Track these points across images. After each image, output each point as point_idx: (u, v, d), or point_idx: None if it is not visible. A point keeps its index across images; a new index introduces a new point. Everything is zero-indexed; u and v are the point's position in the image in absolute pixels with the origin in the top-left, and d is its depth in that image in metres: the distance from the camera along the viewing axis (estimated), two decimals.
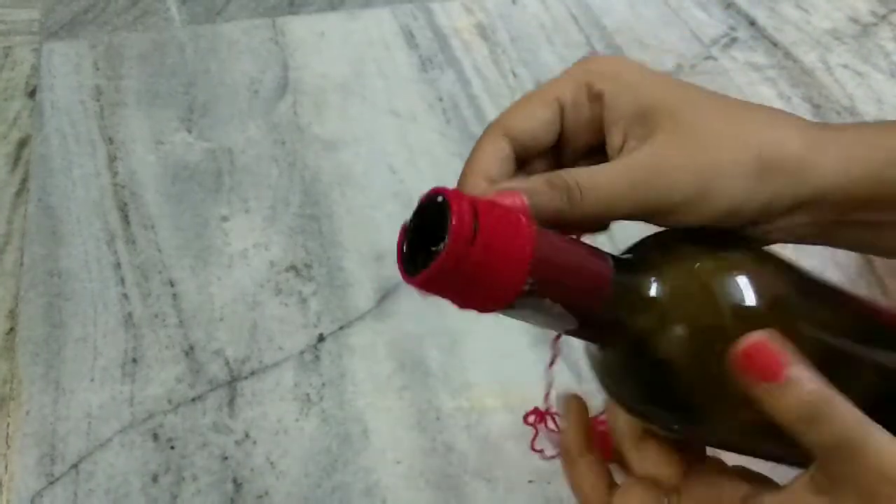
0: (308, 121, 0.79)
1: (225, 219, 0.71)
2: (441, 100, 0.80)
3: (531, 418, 0.53)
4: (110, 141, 0.77)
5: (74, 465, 0.57)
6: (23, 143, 0.78)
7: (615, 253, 0.33)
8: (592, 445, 0.36)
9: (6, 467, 0.57)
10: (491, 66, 0.84)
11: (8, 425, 0.59)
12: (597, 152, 0.36)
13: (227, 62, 0.85)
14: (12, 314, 0.65)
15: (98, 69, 0.84)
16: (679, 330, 0.31)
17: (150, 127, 0.78)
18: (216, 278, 0.67)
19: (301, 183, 0.73)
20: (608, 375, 0.34)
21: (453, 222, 0.28)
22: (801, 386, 0.29)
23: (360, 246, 0.69)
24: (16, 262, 0.68)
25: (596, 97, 0.35)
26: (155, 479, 0.56)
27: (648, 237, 0.35)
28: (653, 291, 0.32)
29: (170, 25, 0.89)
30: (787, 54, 0.85)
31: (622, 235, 0.36)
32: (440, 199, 0.30)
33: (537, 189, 0.33)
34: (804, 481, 0.30)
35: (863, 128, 0.35)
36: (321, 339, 0.63)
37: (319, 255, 0.68)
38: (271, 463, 0.57)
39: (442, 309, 0.65)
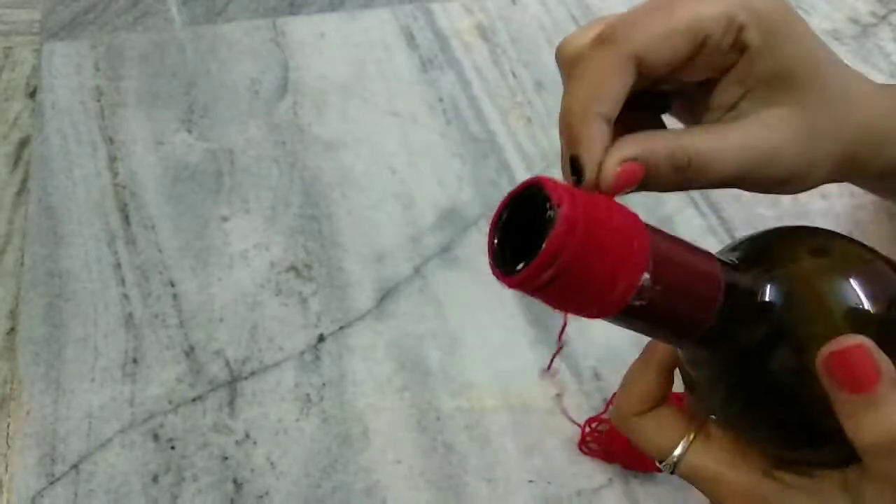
0: (308, 121, 0.79)
1: (225, 219, 0.71)
2: (441, 100, 0.80)
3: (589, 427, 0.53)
4: (111, 141, 0.77)
5: (75, 466, 0.57)
6: (23, 144, 0.78)
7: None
8: (667, 371, 0.34)
9: (6, 467, 0.57)
10: (491, 66, 0.84)
11: (8, 425, 0.59)
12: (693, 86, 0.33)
13: (227, 63, 0.85)
14: (13, 314, 0.65)
15: (99, 70, 0.84)
16: (798, 341, 0.29)
17: (150, 127, 0.78)
18: (216, 279, 0.67)
19: (301, 183, 0.73)
20: (699, 375, 0.32)
21: (559, 213, 0.25)
22: (891, 410, 0.26)
23: (360, 246, 0.69)
24: (16, 262, 0.68)
25: (740, 47, 0.31)
26: (155, 479, 0.56)
27: (753, 237, 0.32)
28: (768, 300, 0.29)
29: (170, 26, 0.89)
30: None
31: None
32: (537, 189, 0.26)
33: (657, 163, 0.30)
34: (839, 479, 0.29)
35: None
36: (321, 339, 0.63)
37: (320, 256, 0.68)
38: (271, 463, 0.57)
39: (442, 309, 0.65)
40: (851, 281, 0.29)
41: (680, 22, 0.30)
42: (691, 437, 0.32)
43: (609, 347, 0.61)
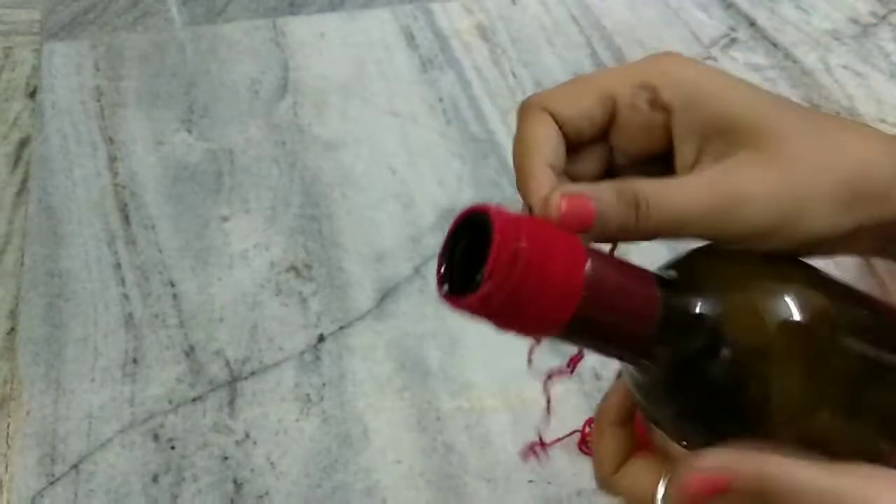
0: (308, 121, 0.79)
1: (225, 219, 0.71)
2: (441, 101, 0.80)
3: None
4: (111, 141, 0.77)
5: (75, 466, 0.57)
6: (23, 144, 0.78)
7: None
8: (626, 421, 0.35)
9: (6, 467, 0.57)
10: (491, 67, 0.84)
11: (8, 425, 0.59)
12: (654, 161, 0.33)
13: (227, 63, 0.85)
14: (13, 314, 0.65)
15: (99, 70, 0.84)
16: (731, 352, 0.30)
17: (150, 127, 0.78)
18: (216, 279, 0.67)
19: (301, 183, 0.73)
20: (646, 396, 0.32)
21: (497, 240, 0.26)
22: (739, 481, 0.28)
23: (360, 246, 0.69)
24: (16, 262, 0.68)
25: (660, 106, 0.32)
26: (155, 479, 0.56)
27: (690, 253, 0.33)
28: (702, 313, 0.30)
29: (170, 26, 0.89)
30: (787, 55, 0.85)
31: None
32: (480, 216, 0.27)
33: (605, 199, 0.30)
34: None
35: None
36: (321, 339, 0.63)
37: (320, 256, 0.68)
38: (271, 463, 0.57)
39: (442, 309, 0.65)
40: (793, 298, 0.30)
41: (586, 83, 0.33)
42: (669, 476, 0.32)
43: None
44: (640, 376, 0.32)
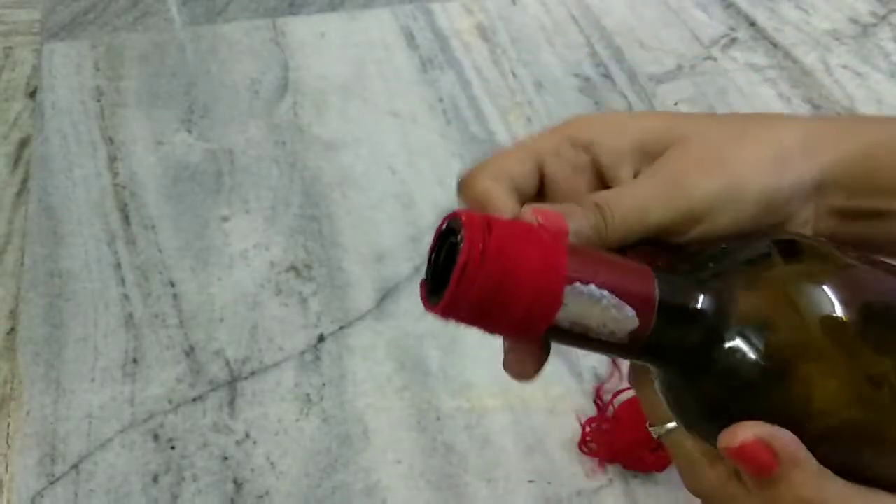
0: (308, 121, 0.79)
1: (225, 219, 0.71)
2: (441, 100, 0.80)
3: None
4: (111, 141, 0.77)
5: (75, 466, 0.57)
6: (23, 144, 0.78)
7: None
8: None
9: (7, 467, 0.57)
10: (491, 66, 0.84)
11: (8, 425, 0.59)
12: None
13: (227, 63, 0.85)
14: (13, 314, 0.65)
15: (99, 70, 0.84)
16: (737, 346, 0.29)
17: (150, 127, 0.78)
18: (216, 279, 0.67)
19: (301, 183, 0.73)
20: (665, 396, 0.31)
21: (463, 242, 0.26)
22: (785, 487, 0.28)
23: (360, 246, 0.69)
24: (16, 262, 0.68)
25: (584, 145, 0.34)
26: (155, 479, 0.56)
27: (687, 252, 0.33)
28: (704, 308, 0.29)
29: (170, 26, 0.89)
30: (787, 55, 0.85)
31: None
32: (453, 221, 0.27)
33: (573, 210, 0.31)
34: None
35: (856, 117, 0.35)
36: (321, 339, 0.63)
37: (320, 256, 0.68)
38: (271, 463, 0.57)
39: None
40: (822, 290, 0.29)
41: (513, 149, 0.35)
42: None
43: None
44: (658, 374, 0.31)
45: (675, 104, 0.80)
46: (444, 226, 0.28)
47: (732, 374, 0.29)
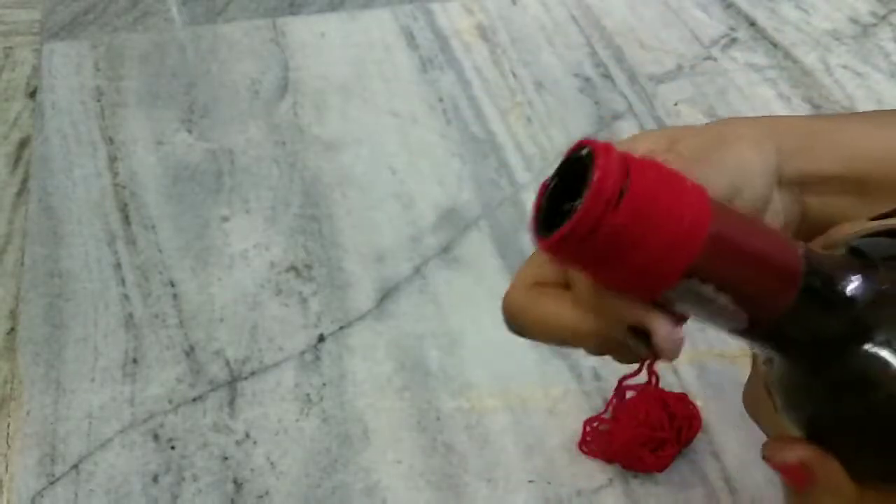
0: (308, 122, 0.79)
1: (225, 219, 0.71)
2: (441, 101, 0.80)
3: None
4: (111, 141, 0.77)
5: (75, 466, 0.57)
6: (23, 144, 0.78)
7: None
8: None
9: (6, 467, 0.57)
10: (491, 67, 0.84)
11: (8, 425, 0.59)
12: None
13: (227, 63, 0.85)
14: (13, 314, 0.65)
15: (99, 70, 0.84)
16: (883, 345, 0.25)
17: (150, 127, 0.78)
18: (216, 279, 0.67)
19: (301, 184, 0.73)
20: (783, 388, 0.28)
21: (595, 177, 0.23)
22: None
23: (360, 246, 0.69)
24: (16, 262, 0.68)
25: None
26: (155, 479, 0.56)
27: (851, 237, 0.29)
28: (854, 295, 0.26)
29: (170, 26, 0.89)
30: (787, 55, 0.85)
31: None
32: (585, 151, 0.24)
33: None
34: None
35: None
36: (321, 339, 0.63)
37: (320, 256, 0.68)
38: (272, 463, 0.57)
39: (442, 309, 0.65)
40: None
41: (538, 256, 0.34)
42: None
43: None
44: (778, 364, 0.29)
45: (675, 104, 0.80)
46: (571, 155, 0.25)
47: (873, 385, 0.26)
